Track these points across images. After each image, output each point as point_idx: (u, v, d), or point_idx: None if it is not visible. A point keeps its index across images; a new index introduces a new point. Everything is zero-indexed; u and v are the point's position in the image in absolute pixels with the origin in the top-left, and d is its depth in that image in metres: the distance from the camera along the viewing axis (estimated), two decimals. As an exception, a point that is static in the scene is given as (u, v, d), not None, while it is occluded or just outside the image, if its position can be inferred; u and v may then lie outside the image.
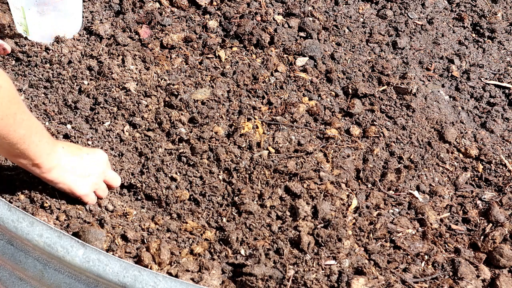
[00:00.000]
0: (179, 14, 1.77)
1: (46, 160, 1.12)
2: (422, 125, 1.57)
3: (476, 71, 1.78)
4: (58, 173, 1.15)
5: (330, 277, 1.16)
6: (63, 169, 1.16)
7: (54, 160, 1.13)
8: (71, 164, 1.17)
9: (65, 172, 1.16)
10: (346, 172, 1.39)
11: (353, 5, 1.94)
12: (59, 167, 1.15)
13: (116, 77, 1.50)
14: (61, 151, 1.15)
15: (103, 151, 1.28)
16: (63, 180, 1.17)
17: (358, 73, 1.68)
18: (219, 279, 1.14)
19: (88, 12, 1.69)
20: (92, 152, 1.24)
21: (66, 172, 1.16)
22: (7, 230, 1.06)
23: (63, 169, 1.16)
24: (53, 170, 1.14)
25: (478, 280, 1.22)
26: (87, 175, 1.20)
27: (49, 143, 1.12)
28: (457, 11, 1.99)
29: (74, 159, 1.18)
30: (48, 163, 1.12)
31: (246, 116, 1.48)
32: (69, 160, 1.17)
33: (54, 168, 1.14)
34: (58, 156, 1.14)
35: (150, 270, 1.01)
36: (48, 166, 1.13)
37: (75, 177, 1.18)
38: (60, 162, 1.15)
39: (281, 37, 1.72)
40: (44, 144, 1.10)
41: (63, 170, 1.16)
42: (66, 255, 1.01)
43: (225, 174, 1.36)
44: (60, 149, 1.15)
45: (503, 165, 1.51)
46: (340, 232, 1.23)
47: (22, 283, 1.13)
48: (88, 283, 1.04)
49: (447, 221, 1.35)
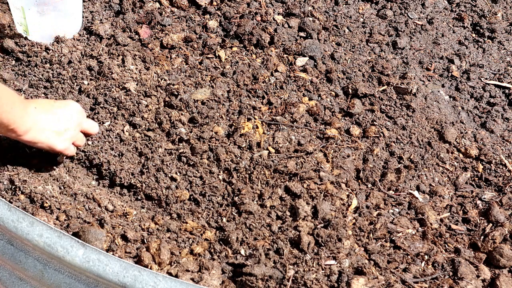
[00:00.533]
0: (179, 14, 1.77)
1: (20, 123, 1.12)
2: (422, 125, 1.57)
3: (476, 71, 1.78)
4: (34, 134, 1.17)
5: (330, 277, 1.16)
6: (39, 128, 1.17)
7: (28, 122, 1.14)
8: (46, 122, 1.19)
9: (41, 132, 1.18)
10: (346, 172, 1.39)
11: (353, 5, 1.94)
12: (34, 127, 1.16)
13: (116, 77, 1.50)
14: (33, 112, 1.16)
15: (74, 101, 1.30)
16: (40, 139, 1.18)
17: (358, 73, 1.68)
18: (219, 279, 1.14)
19: (88, 12, 1.69)
20: (64, 105, 1.25)
21: (42, 131, 1.18)
22: (7, 230, 1.06)
23: (39, 129, 1.17)
24: (29, 132, 1.15)
25: (478, 280, 1.22)
26: (64, 130, 1.22)
27: (20, 106, 1.12)
28: (457, 11, 1.99)
29: (48, 117, 1.19)
30: (22, 126, 1.13)
31: (246, 116, 1.48)
32: (43, 118, 1.18)
33: (30, 129, 1.15)
34: (32, 117, 1.15)
35: (150, 270, 1.01)
36: (23, 129, 1.14)
37: (51, 134, 1.20)
38: (35, 122, 1.16)
39: (281, 37, 1.72)
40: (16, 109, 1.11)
41: (39, 129, 1.17)
42: (66, 255, 1.01)
43: (225, 174, 1.36)
44: (32, 110, 1.16)
45: (503, 165, 1.51)
46: (340, 232, 1.23)
47: (22, 283, 1.13)
48: (88, 283, 1.04)
49: (447, 221, 1.35)
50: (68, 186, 1.28)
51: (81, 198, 1.26)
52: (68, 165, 1.34)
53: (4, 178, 1.24)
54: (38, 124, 1.17)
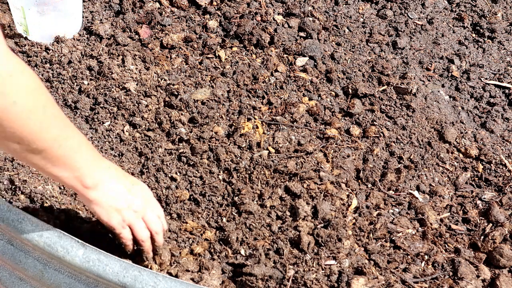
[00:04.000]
0: (179, 14, 1.77)
1: (88, 174, 0.97)
2: (422, 125, 1.57)
3: (476, 71, 1.78)
4: (98, 194, 1.01)
5: (330, 277, 1.16)
6: (104, 190, 1.02)
7: (96, 176, 0.99)
8: (114, 189, 1.04)
9: (105, 194, 1.02)
10: (346, 172, 1.39)
11: (353, 5, 1.94)
12: (100, 186, 1.01)
13: (116, 77, 1.50)
14: (106, 170, 1.02)
15: (147, 187, 1.14)
16: (101, 202, 1.02)
17: (358, 73, 1.68)
18: (219, 279, 1.14)
19: (88, 12, 1.69)
20: (137, 184, 1.10)
21: (106, 194, 1.03)
22: (7, 230, 1.06)
23: (104, 190, 1.02)
24: (94, 189, 1.00)
25: (478, 280, 1.22)
26: (126, 207, 1.06)
27: (92, 153, 0.98)
28: (457, 11, 1.99)
29: (118, 186, 1.04)
30: (90, 178, 0.98)
31: (246, 116, 1.48)
32: (113, 183, 1.03)
33: (96, 186, 1.00)
34: (103, 174, 1.01)
35: (150, 270, 1.01)
36: (90, 182, 0.98)
37: (113, 204, 1.04)
38: (103, 181, 1.01)
39: (281, 37, 1.72)
40: (86, 153, 0.96)
41: (103, 191, 1.02)
42: (66, 255, 1.01)
43: (225, 174, 1.36)
44: (104, 166, 1.02)
45: (503, 165, 1.50)
46: (340, 232, 1.23)
47: (22, 283, 1.13)
48: (88, 283, 1.04)
49: (447, 221, 1.35)
50: (68, 186, 1.28)
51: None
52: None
53: (4, 178, 1.24)
54: (105, 185, 1.02)
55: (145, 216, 1.10)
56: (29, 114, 0.84)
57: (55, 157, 0.91)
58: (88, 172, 0.97)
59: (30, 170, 1.28)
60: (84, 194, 1.00)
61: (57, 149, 0.90)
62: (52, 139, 0.89)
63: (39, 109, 0.85)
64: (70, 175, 0.95)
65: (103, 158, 1.03)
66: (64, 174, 0.94)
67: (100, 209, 1.03)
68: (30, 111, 0.84)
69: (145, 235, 1.10)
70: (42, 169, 0.93)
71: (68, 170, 0.94)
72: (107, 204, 1.03)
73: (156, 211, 1.13)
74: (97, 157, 1.01)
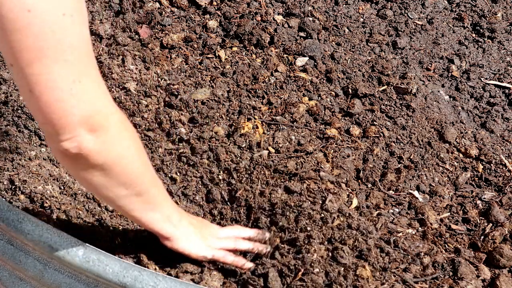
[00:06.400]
0: (179, 14, 1.77)
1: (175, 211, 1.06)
2: (422, 125, 1.57)
3: (476, 71, 1.78)
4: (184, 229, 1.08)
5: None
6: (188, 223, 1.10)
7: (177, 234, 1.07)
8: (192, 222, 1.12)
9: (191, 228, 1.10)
10: (346, 172, 1.39)
11: (353, 5, 1.94)
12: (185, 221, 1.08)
13: (116, 77, 1.50)
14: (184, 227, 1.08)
15: None
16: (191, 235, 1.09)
17: (358, 73, 1.68)
18: (220, 280, 1.14)
19: (88, 12, 1.69)
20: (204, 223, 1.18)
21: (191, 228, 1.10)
22: (7, 230, 1.06)
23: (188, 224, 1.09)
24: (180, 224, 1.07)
25: (478, 280, 1.22)
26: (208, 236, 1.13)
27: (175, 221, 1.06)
28: (457, 11, 1.99)
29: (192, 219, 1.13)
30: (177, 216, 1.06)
31: (246, 116, 1.48)
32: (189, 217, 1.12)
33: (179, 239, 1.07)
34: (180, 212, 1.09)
35: (150, 270, 1.01)
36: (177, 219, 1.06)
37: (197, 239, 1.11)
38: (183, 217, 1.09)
39: (281, 37, 1.72)
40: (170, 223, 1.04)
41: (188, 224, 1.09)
42: (66, 255, 1.01)
43: (225, 174, 1.36)
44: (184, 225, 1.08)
45: (503, 165, 1.51)
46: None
47: (22, 283, 1.13)
48: (88, 283, 1.04)
49: (447, 221, 1.35)
50: (68, 186, 1.28)
51: (81, 198, 1.26)
52: (68, 165, 1.33)
53: (4, 178, 1.24)
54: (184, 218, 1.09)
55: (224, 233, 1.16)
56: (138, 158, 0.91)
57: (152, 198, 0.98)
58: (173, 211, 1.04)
59: (30, 170, 1.28)
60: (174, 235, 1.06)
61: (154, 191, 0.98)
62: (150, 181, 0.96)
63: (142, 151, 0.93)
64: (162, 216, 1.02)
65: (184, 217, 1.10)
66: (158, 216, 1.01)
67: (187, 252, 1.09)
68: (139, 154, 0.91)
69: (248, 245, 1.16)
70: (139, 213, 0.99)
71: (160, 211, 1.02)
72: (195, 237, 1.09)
73: None
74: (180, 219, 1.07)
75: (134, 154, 0.91)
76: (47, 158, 1.34)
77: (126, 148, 0.89)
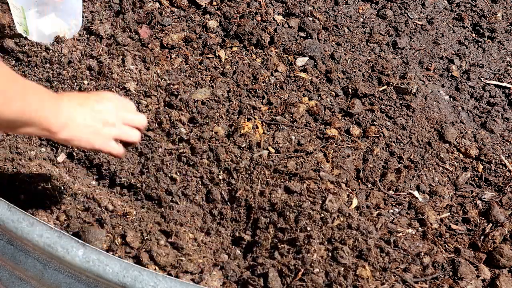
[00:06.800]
0: (179, 14, 1.77)
1: (54, 121, 1.00)
2: (422, 125, 1.57)
3: (476, 71, 1.78)
4: (70, 131, 1.03)
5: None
6: (74, 125, 1.04)
7: (61, 118, 1.01)
8: (82, 116, 1.05)
9: (77, 128, 1.04)
10: (346, 172, 1.39)
11: (353, 5, 1.94)
12: (69, 124, 1.03)
13: (116, 77, 1.50)
14: (67, 107, 1.03)
15: (112, 93, 1.16)
16: (77, 136, 1.04)
17: (358, 73, 1.68)
18: (220, 280, 1.14)
19: (88, 12, 1.69)
20: (101, 97, 1.11)
21: (78, 127, 1.05)
22: (7, 230, 1.06)
23: (74, 125, 1.04)
24: (64, 129, 1.02)
25: (478, 280, 1.22)
26: (101, 126, 1.08)
27: (52, 102, 1.00)
28: (457, 11, 1.99)
29: (83, 110, 1.06)
30: (56, 124, 1.00)
31: (246, 116, 1.48)
32: (78, 113, 1.05)
33: (65, 126, 1.02)
34: (66, 113, 1.03)
35: (150, 270, 1.01)
36: (57, 127, 1.00)
37: (88, 130, 1.06)
38: (69, 118, 1.03)
39: (281, 37, 1.72)
40: (47, 106, 0.98)
41: (74, 126, 1.04)
42: (66, 255, 1.01)
43: (225, 174, 1.36)
44: (65, 104, 1.03)
45: (503, 165, 1.51)
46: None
47: (22, 283, 1.13)
48: (88, 283, 1.04)
49: (447, 221, 1.35)
50: (68, 186, 1.28)
51: (81, 198, 1.26)
52: (68, 165, 1.33)
53: (4, 178, 1.24)
54: (73, 120, 1.04)
55: (124, 119, 1.12)
56: None
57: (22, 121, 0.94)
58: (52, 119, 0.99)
59: (30, 170, 1.28)
60: (58, 139, 1.02)
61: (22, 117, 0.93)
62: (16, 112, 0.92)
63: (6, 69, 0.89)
64: (36, 130, 0.98)
65: (63, 97, 1.04)
66: (30, 130, 0.97)
67: (79, 142, 1.05)
68: None
69: (136, 135, 1.13)
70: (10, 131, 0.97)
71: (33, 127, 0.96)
72: (82, 135, 1.05)
73: (128, 108, 1.15)
74: (56, 101, 1.01)
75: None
76: (47, 158, 1.34)
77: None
